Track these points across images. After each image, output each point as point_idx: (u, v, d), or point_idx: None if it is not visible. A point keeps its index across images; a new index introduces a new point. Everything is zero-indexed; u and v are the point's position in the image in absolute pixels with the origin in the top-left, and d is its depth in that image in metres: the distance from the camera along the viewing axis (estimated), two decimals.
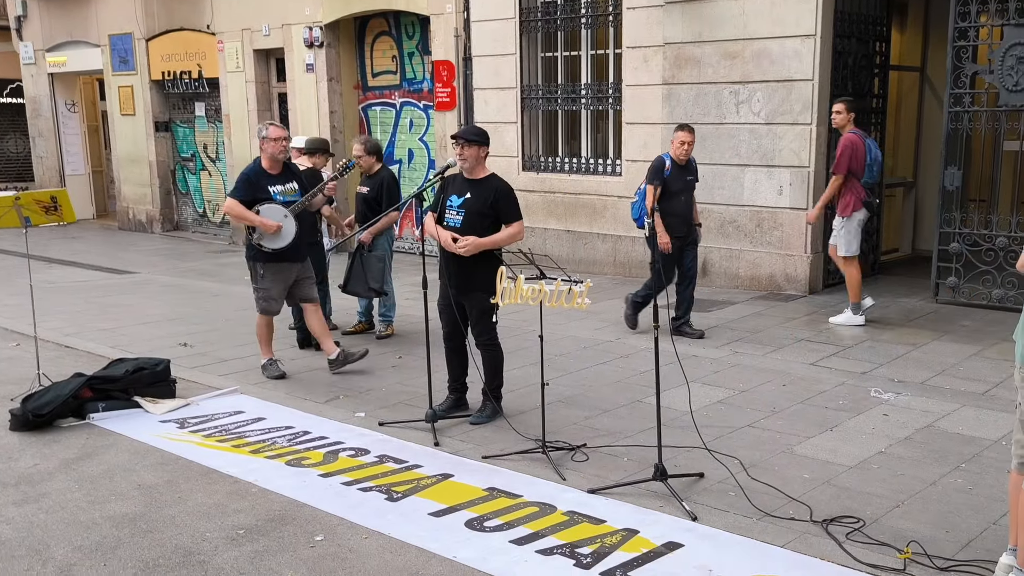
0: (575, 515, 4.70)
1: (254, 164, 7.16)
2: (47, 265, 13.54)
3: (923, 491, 4.88)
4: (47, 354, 7.92)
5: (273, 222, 6.90)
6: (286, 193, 7.09)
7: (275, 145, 7.00)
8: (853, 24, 9.48)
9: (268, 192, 7.01)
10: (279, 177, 7.12)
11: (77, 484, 5.20)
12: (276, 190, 7.05)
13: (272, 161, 7.07)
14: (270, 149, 7.01)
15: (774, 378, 6.89)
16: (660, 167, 7.78)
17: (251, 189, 7.00)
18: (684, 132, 7.78)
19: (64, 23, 18.24)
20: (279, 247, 6.95)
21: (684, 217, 7.91)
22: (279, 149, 7.02)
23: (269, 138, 7.00)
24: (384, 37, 13.77)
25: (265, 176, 7.06)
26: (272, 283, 7.11)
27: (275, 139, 6.99)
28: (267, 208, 6.94)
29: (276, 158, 7.06)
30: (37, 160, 19.95)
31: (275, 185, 7.07)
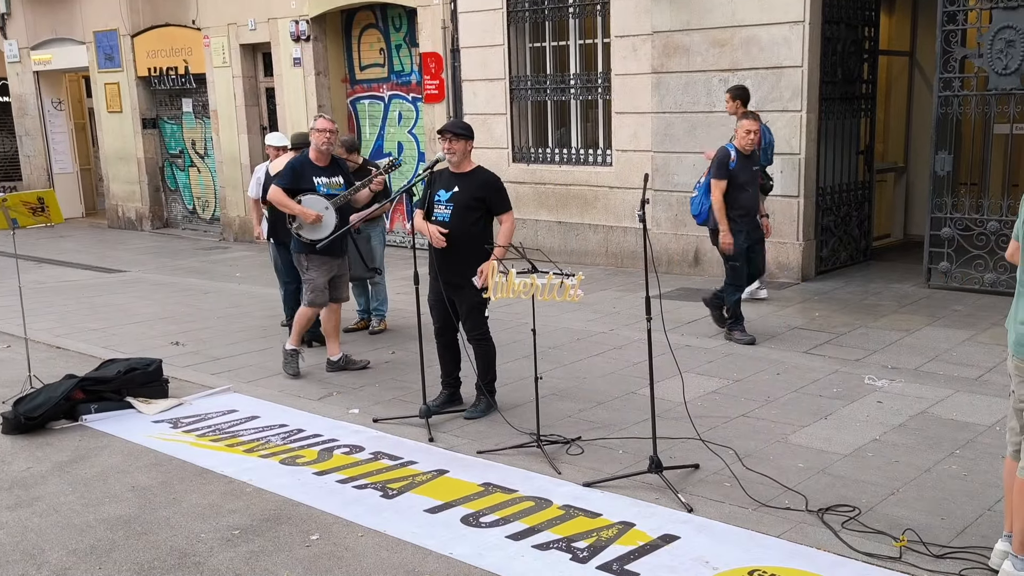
0: (571, 509, 4.70)
1: (302, 155, 7.18)
2: (37, 265, 13.48)
3: (918, 478, 4.88)
4: (38, 355, 7.88)
5: (313, 211, 6.88)
6: (331, 186, 7.07)
7: (320, 136, 6.98)
8: (842, 9, 9.46)
9: (313, 183, 7.00)
10: (325, 169, 7.11)
11: (71, 487, 5.17)
12: (321, 182, 7.04)
13: (319, 153, 7.05)
14: (316, 140, 7.02)
15: (768, 367, 6.88)
16: (725, 159, 7.31)
17: (296, 179, 6.99)
18: (750, 120, 7.29)
19: (49, 20, 18.12)
20: (316, 238, 6.89)
21: (752, 211, 7.46)
22: (323, 140, 7.00)
23: (316, 129, 7.02)
24: (371, 30, 13.70)
25: (311, 167, 7.05)
26: (318, 273, 7.07)
27: (321, 130, 6.98)
28: (309, 199, 6.92)
29: (322, 150, 7.03)
30: (25, 159, 19.84)
31: (320, 177, 7.05)
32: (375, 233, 8.50)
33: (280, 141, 8.81)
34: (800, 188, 9.22)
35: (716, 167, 7.35)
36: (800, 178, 9.21)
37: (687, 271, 10.13)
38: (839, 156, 9.80)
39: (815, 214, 9.47)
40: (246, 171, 15.10)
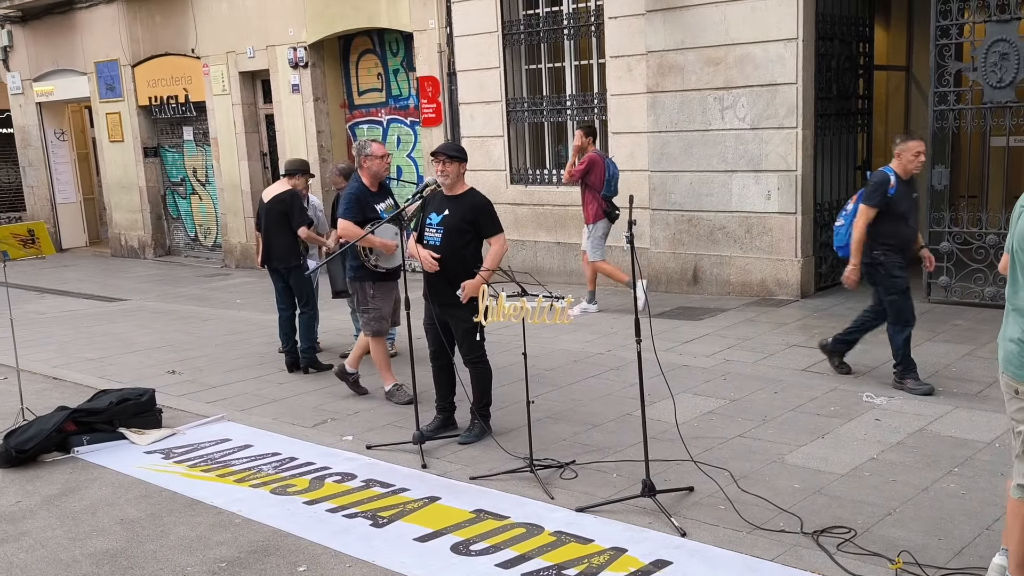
0: (562, 535, 4.63)
1: (357, 183, 6.97)
2: (38, 295, 13.51)
3: (915, 497, 4.81)
4: (34, 386, 7.89)
5: (392, 241, 6.74)
6: (387, 210, 6.96)
7: (380, 163, 6.93)
8: (835, 26, 9.45)
9: (375, 210, 6.89)
10: (379, 195, 7.03)
11: (59, 521, 5.13)
12: (380, 208, 6.95)
13: (373, 179, 6.97)
14: (374, 167, 6.93)
15: (765, 386, 6.82)
16: (884, 183, 6.37)
17: (362, 209, 6.85)
18: (917, 141, 6.41)
19: (50, 52, 18.26)
20: (393, 266, 6.83)
21: (910, 243, 6.55)
22: (383, 167, 6.98)
23: (373, 155, 6.91)
24: (369, 55, 13.76)
25: (370, 195, 6.94)
26: (383, 301, 6.97)
27: (380, 156, 6.93)
28: (381, 228, 6.71)
29: (379, 176, 6.98)
30: (28, 190, 19.95)
31: (378, 203, 6.96)
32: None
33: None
34: (797, 205, 9.18)
35: (871, 192, 6.40)
36: (797, 195, 9.17)
37: (686, 290, 10.08)
38: (837, 172, 9.77)
39: (813, 230, 9.42)
40: (247, 198, 15.16)
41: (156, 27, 16.05)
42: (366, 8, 12.83)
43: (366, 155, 6.93)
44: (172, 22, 15.72)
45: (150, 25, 16.15)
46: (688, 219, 9.95)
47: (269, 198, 8.18)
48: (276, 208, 8.06)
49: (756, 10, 9.11)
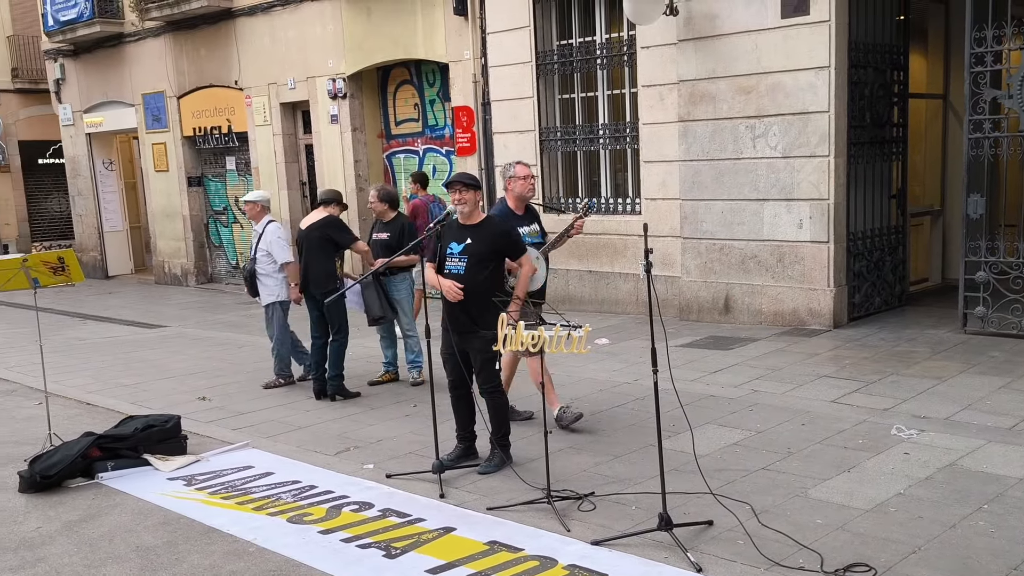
0: (576, 569, 4.57)
1: (503, 206, 6.78)
2: (81, 321, 13.76)
3: (942, 535, 4.67)
4: (67, 412, 8.02)
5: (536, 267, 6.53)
6: (531, 234, 6.73)
7: (524, 184, 6.67)
8: (868, 54, 9.36)
9: (520, 234, 6.54)
10: (524, 218, 6.76)
11: (76, 547, 5.18)
12: (524, 231, 6.65)
13: (518, 201, 6.73)
14: (519, 189, 6.69)
15: (793, 417, 6.70)
16: None
17: None
18: None
19: (100, 84, 18.74)
20: (533, 290, 6.52)
21: None
22: (528, 188, 6.73)
23: (517, 177, 6.67)
24: (406, 86, 13.91)
25: (515, 217, 6.67)
26: None
27: (524, 177, 6.67)
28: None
29: (524, 197, 6.74)
30: (77, 218, 20.42)
31: (523, 226, 6.67)
32: (404, 285, 8.51)
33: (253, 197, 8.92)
34: (830, 233, 9.06)
35: None
36: (830, 223, 9.05)
37: (717, 319, 9.98)
38: (870, 201, 9.64)
39: (846, 259, 9.28)
40: (286, 226, 15.33)
41: (201, 60, 16.41)
42: (403, 40, 13.00)
43: (510, 177, 6.69)
44: (216, 55, 16.05)
45: (195, 58, 16.51)
46: (720, 247, 9.86)
47: (307, 225, 8.32)
48: (314, 235, 8.18)
49: (788, 39, 9.05)
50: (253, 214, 8.86)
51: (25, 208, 23.73)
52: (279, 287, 8.67)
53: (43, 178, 23.85)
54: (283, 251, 8.61)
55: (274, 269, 8.62)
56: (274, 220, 8.89)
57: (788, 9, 9.02)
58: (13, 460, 6.75)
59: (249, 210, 8.90)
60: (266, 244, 8.61)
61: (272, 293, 8.69)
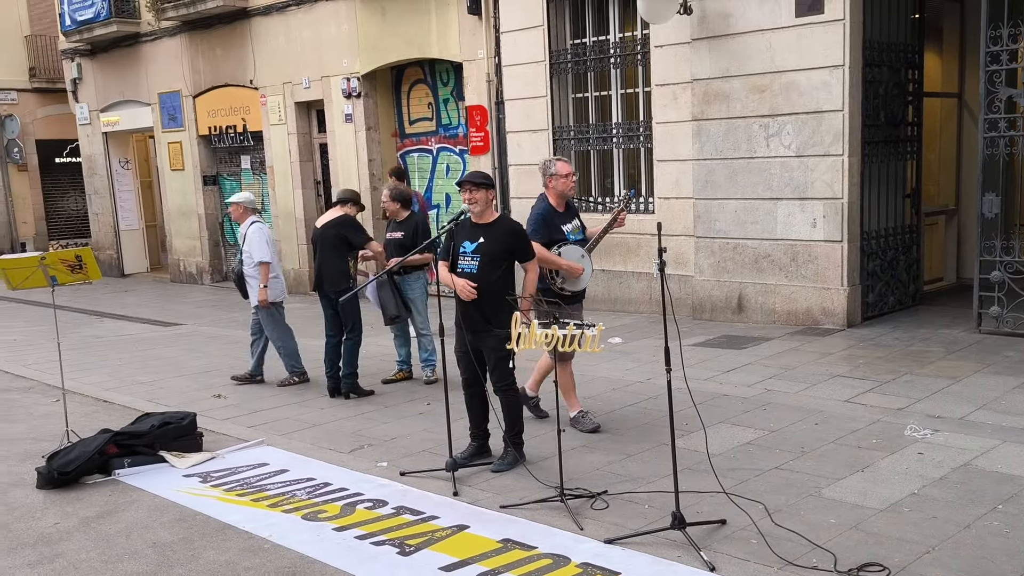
0: (589, 568, 4.58)
1: (544, 203, 6.72)
2: (98, 319, 13.86)
3: (956, 535, 4.66)
4: (84, 409, 8.08)
5: (578, 264, 6.55)
6: (573, 231, 6.69)
7: (566, 182, 6.63)
8: (883, 52, 9.33)
9: (562, 231, 6.61)
10: (565, 215, 6.71)
11: (93, 543, 5.23)
12: (567, 228, 6.65)
13: (559, 199, 6.68)
14: (560, 186, 6.63)
15: (806, 417, 6.70)
16: None
17: (548, 230, 6.60)
18: None
19: (117, 83, 18.85)
20: (579, 289, 6.60)
21: None
22: (570, 185, 6.67)
23: (559, 175, 6.62)
24: (420, 85, 13.95)
25: (556, 215, 6.66)
26: None
27: (566, 175, 6.63)
28: (567, 250, 6.54)
29: (565, 195, 6.69)
30: (93, 217, 20.56)
31: (565, 224, 6.66)
32: (418, 284, 8.55)
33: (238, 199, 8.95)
34: (844, 233, 9.04)
35: None
36: (843, 223, 9.03)
37: (730, 318, 9.97)
38: (884, 200, 9.61)
39: (860, 259, 9.26)
40: (300, 225, 15.43)
41: (216, 59, 16.49)
42: (417, 40, 13.03)
43: (551, 174, 6.65)
44: (232, 54, 16.13)
45: (211, 57, 16.59)
46: (733, 247, 9.85)
47: (322, 224, 8.36)
48: (331, 232, 8.22)
49: (802, 37, 9.04)
50: (237, 215, 8.89)
51: (42, 206, 23.90)
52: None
53: (60, 177, 24.02)
54: (260, 250, 8.59)
55: (258, 270, 8.61)
56: (258, 221, 8.86)
57: (802, 8, 9.00)
58: (31, 456, 6.82)
59: (234, 211, 8.93)
60: (249, 245, 8.62)
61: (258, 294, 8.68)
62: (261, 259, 8.57)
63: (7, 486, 6.27)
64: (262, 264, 8.59)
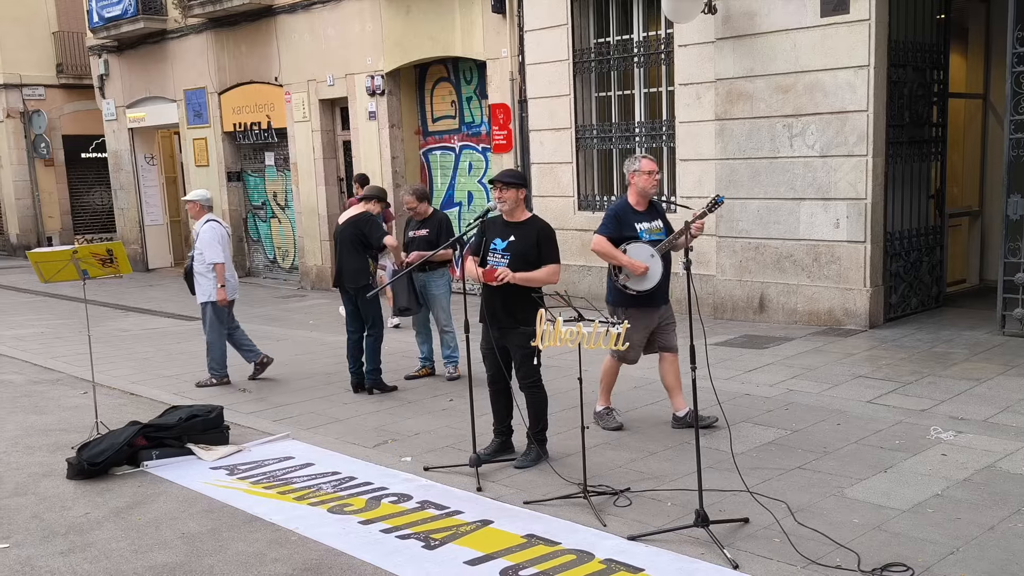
0: (612, 563, 4.62)
1: (622, 200, 6.63)
2: (123, 313, 14.00)
3: (980, 536, 4.67)
4: (112, 401, 8.19)
5: (641, 263, 6.38)
6: (652, 231, 6.50)
7: (648, 179, 6.45)
8: (908, 53, 9.31)
9: (635, 229, 6.45)
10: (645, 214, 6.54)
11: (124, 533, 5.32)
12: (643, 228, 6.47)
13: (640, 197, 6.53)
14: (642, 183, 6.46)
15: (828, 417, 6.71)
16: None
17: (619, 226, 6.47)
18: None
19: (143, 80, 19.02)
20: (644, 289, 6.44)
21: None
22: (651, 183, 6.48)
23: (641, 171, 6.45)
24: (443, 83, 14.00)
25: (632, 213, 6.52)
26: (634, 329, 6.33)
27: (648, 173, 6.45)
28: (634, 247, 6.41)
29: (647, 193, 6.52)
30: (119, 212, 20.75)
31: (642, 223, 6.49)
32: (442, 281, 8.61)
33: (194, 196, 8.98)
34: (867, 233, 9.03)
35: None
36: (867, 223, 9.02)
37: (752, 318, 9.98)
38: (908, 201, 9.59)
39: (883, 259, 9.25)
40: (323, 222, 15.53)
41: (242, 56, 16.61)
42: (442, 38, 13.09)
43: (634, 171, 6.50)
44: (257, 52, 16.25)
45: (236, 55, 16.72)
46: (755, 247, 9.86)
47: (343, 221, 8.44)
48: (350, 230, 8.29)
49: (827, 37, 9.03)
50: (194, 213, 8.92)
51: (68, 201, 24.18)
52: (213, 287, 8.70)
53: (86, 172, 24.28)
54: (214, 251, 8.60)
55: (209, 268, 8.65)
56: (214, 219, 8.88)
57: (828, 8, 8.99)
58: (61, 447, 6.94)
59: (190, 209, 8.96)
60: (201, 243, 8.65)
61: (206, 292, 8.74)
62: (213, 260, 8.60)
63: (38, 476, 6.38)
64: (215, 264, 8.62)
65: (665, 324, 6.72)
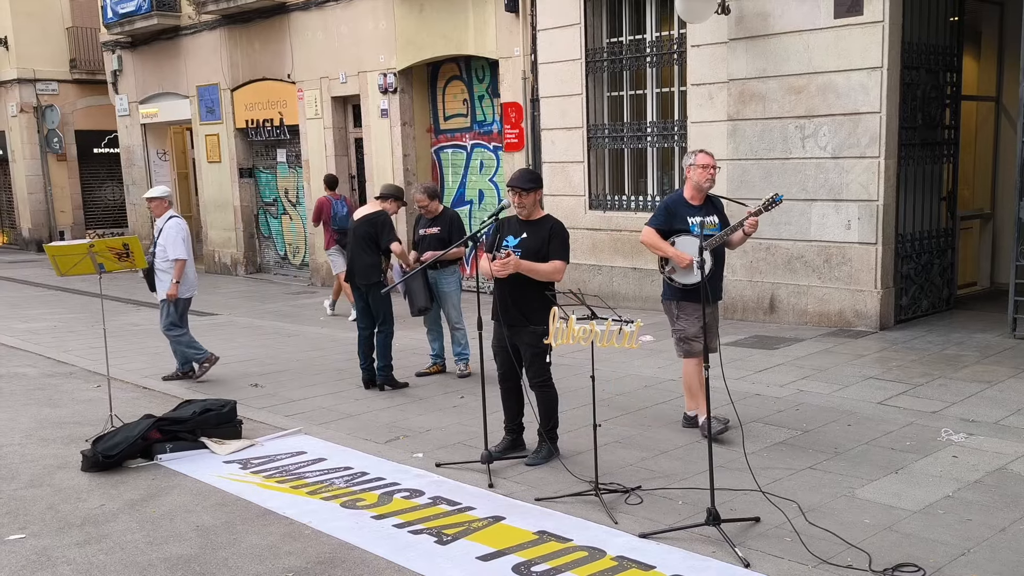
0: (624, 561, 4.65)
1: (677, 193, 6.58)
2: (135, 308, 14.06)
3: (991, 538, 4.68)
4: (125, 395, 8.24)
5: (687, 256, 6.30)
6: (706, 226, 6.32)
7: (703, 173, 6.34)
8: (921, 55, 9.30)
9: (686, 223, 6.36)
10: (700, 208, 6.42)
11: (138, 525, 5.36)
12: (695, 221, 6.32)
13: (695, 191, 6.42)
14: (696, 177, 6.36)
15: (839, 418, 6.72)
16: None
17: (669, 219, 6.42)
18: None
19: (156, 76, 19.10)
20: (690, 283, 6.35)
21: None
22: (706, 177, 6.36)
23: (696, 165, 6.36)
24: (455, 81, 14.03)
25: (685, 206, 6.43)
26: (687, 323, 6.45)
27: (703, 166, 6.34)
28: (683, 240, 6.34)
29: (702, 187, 6.40)
30: (131, 207, 20.84)
31: (695, 216, 6.35)
32: (453, 279, 8.64)
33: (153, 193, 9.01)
34: (878, 235, 9.03)
35: None
36: (878, 225, 9.02)
37: (762, 318, 9.99)
38: (920, 203, 9.59)
39: (894, 261, 9.25)
40: None
41: (255, 53, 16.67)
42: (454, 36, 13.12)
43: (690, 164, 6.42)
44: (270, 48, 16.30)
45: (249, 51, 16.78)
46: (766, 247, 9.87)
47: (358, 218, 8.47)
48: (363, 228, 8.32)
49: (840, 39, 9.03)
50: (158, 210, 8.91)
51: (80, 196, 24.28)
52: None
53: (98, 167, 24.38)
54: (178, 248, 8.60)
55: (171, 265, 8.65)
56: (176, 216, 8.88)
57: (841, 9, 8.99)
58: (75, 440, 6.99)
59: (155, 206, 8.95)
60: (164, 239, 8.66)
61: (167, 288, 8.72)
62: (176, 256, 8.60)
63: (53, 468, 6.43)
64: (177, 260, 8.62)
65: (712, 322, 6.48)
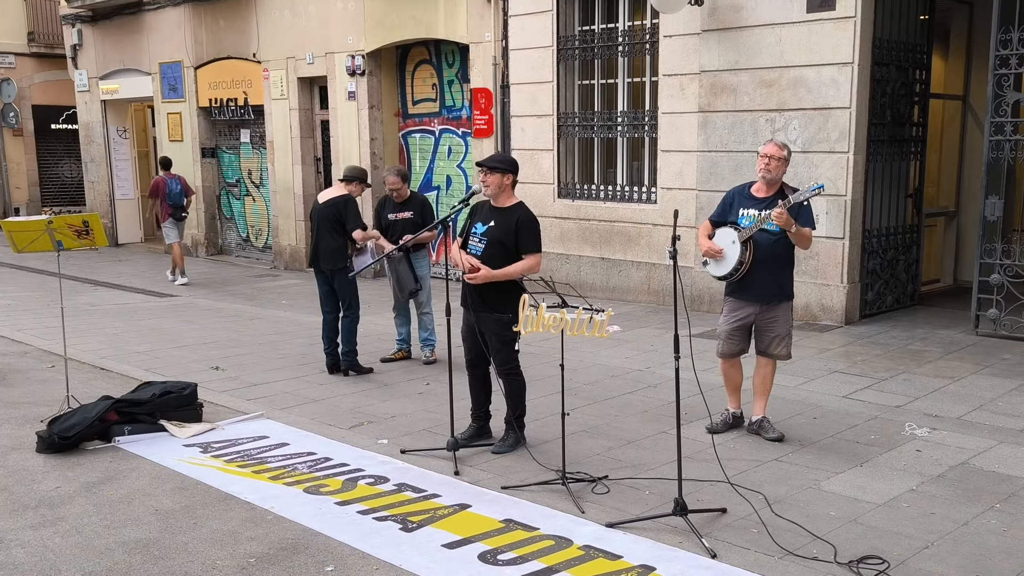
0: (591, 550, 4.62)
1: (743, 183, 6.34)
2: (92, 287, 13.80)
3: (954, 532, 4.72)
4: (81, 376, 8.06)
5: (718, 246, 6.16)
6: (754, 219, 6.07)
7: (758, 162, 6.09)
8: (892, 52, 9.35)
9: (738, 215, 6.13)
10: (762, 201, 6.07)
11: (95, 508, 5.23)
12: (745, 214, 6.09)
13: (761, 182, 6.10)
14: (758, 166, 6.10)
15: (804, 411, 6.75)
16: None
17: (724, 211, 6.24)
18: None
19: (117, 52, 18.71)
20: (720, 275, 6.21)
21: None
22: (760, 166, 6.06)
23: (760, 155, 6.11)
24: (425, 65, 13.89)
25: (747, 198, 6.16)
26: (725, 319, 6.30)
27: (760, 155, 6.08)
28: (721, 232, 6.19)
29: (763, 178, 6.06)
30: (89, 185, 20.43)
31: (751, 208, 6.09)
32: (426, 262, 8.56)
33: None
34: (845, 230, 9.08)
35: None
36: (846, 220, 9.07)
37: None
38: (887, 199, 9.65)
39: (860, 257, 9.31)
40: (299, 201, 15.39)
41: (220, 31, 16.38)
42: (424, 19, 12.98)
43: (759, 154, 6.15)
44: (235, 27, 16.03)
45: (214, 29, 16.48)
46: None
47: (323, 201, 8.31)
48: (329, 211, 8.18)
49: (812, 33, 9.04)
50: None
51: (36, 172, 23.74)
52: None
53: (55, 143, 23.86)
54: None
55: None
56: None
57: (814, 3, 9.00)
58: (30, 421, 6.81)
59: None
60: None
61: None
62: None
63: (7, 449, 6.25)
64: None
65: (765, 324, 6.26)
